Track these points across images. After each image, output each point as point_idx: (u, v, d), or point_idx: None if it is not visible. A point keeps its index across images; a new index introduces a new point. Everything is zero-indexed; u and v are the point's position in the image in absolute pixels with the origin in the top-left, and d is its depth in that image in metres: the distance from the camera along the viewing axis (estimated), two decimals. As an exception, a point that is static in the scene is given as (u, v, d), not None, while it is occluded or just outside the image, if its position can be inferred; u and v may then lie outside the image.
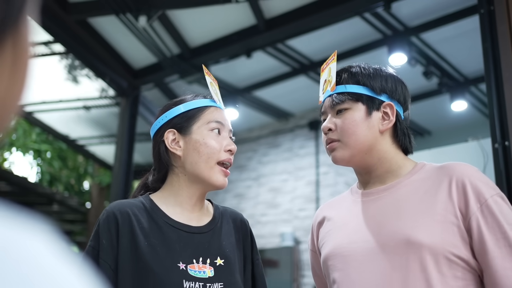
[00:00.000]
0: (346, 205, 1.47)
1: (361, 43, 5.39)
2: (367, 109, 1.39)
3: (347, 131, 1.37)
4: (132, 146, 5.42)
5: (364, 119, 1.38)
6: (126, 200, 1.40)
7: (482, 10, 3.08)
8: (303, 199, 7.06)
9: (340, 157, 1.39)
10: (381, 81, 1.43)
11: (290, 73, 6.13)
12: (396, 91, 1.44)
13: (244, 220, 1.51)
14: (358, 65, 1.48)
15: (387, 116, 1.40)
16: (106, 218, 1.30)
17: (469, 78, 6.15)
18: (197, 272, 1.29)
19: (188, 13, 4.87)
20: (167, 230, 1.32)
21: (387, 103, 1.40)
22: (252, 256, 1.47)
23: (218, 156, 1.37)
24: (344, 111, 1.40)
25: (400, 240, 1.25)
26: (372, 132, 1.39)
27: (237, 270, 1.38)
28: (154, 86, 6.01)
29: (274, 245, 6.91)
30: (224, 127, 1.43)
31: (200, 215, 1.42)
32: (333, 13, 4.50)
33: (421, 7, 4.85)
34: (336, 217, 1.46)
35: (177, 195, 1.40)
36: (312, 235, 1.56)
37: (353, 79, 1.42)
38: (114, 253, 1.26)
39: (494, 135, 2.89)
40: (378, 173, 1.41)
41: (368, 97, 1.40)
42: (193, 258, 1.31)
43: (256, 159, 7.75)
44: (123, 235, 1.28)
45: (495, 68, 2.94)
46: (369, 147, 1.38)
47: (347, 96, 1.40)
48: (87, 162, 10.87)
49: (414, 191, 1.32)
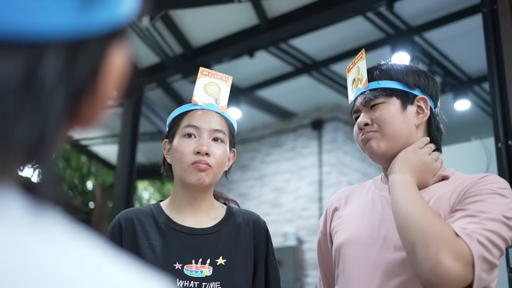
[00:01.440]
0: (367, 196, 1.45)
1: (364, 42, 5.39)
2: (402, 103, 1.37)
3: (384, 122, 1.35)
4: (135, 146, 5.43)
5: (400, 113, 1.36)
6: (135, 207, 1.49)
7: (485, 9, 3.08)
8: (306, 199, 7.06)
9: (376, 148, 1.36)
10: (414, 76, 1.42)
11: (293, 73, 6.13)
12: (428, 86, 1.44)
13: (259, 221, 1.51)
14: (387, 62, 1.47)
15: (421, 110, 1.39)
16: (112, 225, 1.41)
17: (472, 77, 6.14)
18: (194, 272, 1.33)
19: (191, 13, 4.88)
20: (169, 233, 1.38)
21: (421, 97, 1.40)
22: (266, 257, 1.47)
23: (187, 159, 1.39)
24: (378, 105, 1.38)
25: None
26: (408, 125, 1.36)
27: (242, 271, 1.38)
28: (157, 86, 6.02)
29: (277, 244, 6.91)
30: (199, 129, 1.42)
31: (206, 218, 1.44)
32: (336, 13, 4.50)
33: (424, 6, 4.84)
34: (355, 206, 1.44)
35: (177, 200, 1.45)
36: (325, 218, 1.54)
37: (385, 75, 1.41)
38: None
39: (497, 134, 2.89)
40: None
41: (402, 92, 1.39)
42: (192, 258, 1.35)
43: (259, 158, 7.75)
44: (125, 240, 1.38)
45: (498, 67, 2.94)
46: (405, 140, 1.35)
47: (381, 91, 1.39)
48: (90, 162, 10.88)
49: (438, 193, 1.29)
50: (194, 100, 1.46)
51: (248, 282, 1.40)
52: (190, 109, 1.46)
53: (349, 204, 1.47)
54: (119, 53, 0.46)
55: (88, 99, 0.41)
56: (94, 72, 0.42)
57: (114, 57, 0.45)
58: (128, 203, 5.17)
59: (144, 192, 13.02)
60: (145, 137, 6.92)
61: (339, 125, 7.13)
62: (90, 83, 0.41)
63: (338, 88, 6.55)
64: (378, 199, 1.40)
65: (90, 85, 0.41)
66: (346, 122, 7.24)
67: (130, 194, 5.24)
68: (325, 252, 1.55)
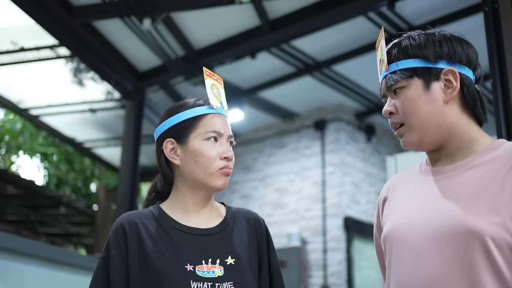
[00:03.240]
0: (412, 182, 1.36)
1: (366, 42, 5.39)
2: (424, 82, 1.27)
3: (408, 112, 1.27)
4: (138, 148, 5.44)
5: (422, 94, 1.27)
6: (136, 210, 1.46)
7: (487, 8, 3.07)
8: (309, 199, 7.06)
9: (409, 141, 1.29)
10: (435, 47, 1.30)
11: (295, 74, 6.14)
12: (455, 53, 1.30)
13: (259, 219, 1.51)
14: (407, 36, 1.37)
15: (450, 84, 1.27)
16: (115, 229, 1.38)
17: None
18: (206, 272, 1.32)
19: (192, 15, 4.89)
20: (174, 235, 1.37)
21: (447, 69, 1.27)
22: (268, 255, 1.47)
23: (215, 165, 1.40)
24: (400, 90, 1.30)
25: (459, 228, 1.15)
26: (436, 105, 1.26)
27: (250, 270, 1.38)
28: (159, 88, 6.03)
29: (281, 245, 6.91)
30: (222, 135, 1.43)
31: (209, 217, 1.44)
32: (337, 13, 4.50)
33: (425, 6, 4.85)
34: (400, 195, 1.36)
35: (183, 202, 1.44)
36: (378, 211, 1.46)
37: (404, 54, 1.31)
38: (124, 262, 1.33)
39: (499, 133, 2.88)
40: (448, 150, 1.29)
41: (423, 69, 1.28)
42: (202, 259, 1.34)
43: (262, 159, 7.75)
44: (131, 244, 1.35)
45: (500, 66, 2.93)
46: (437, 123, 1.26)
47: (400, 74, 1.29)
48: (94, 165, 10.91)
49: (483, 174, 1.20)
50: (211, 104, 1.45)
51: (256, 280, 1.40)
52: (207, 112, 1.44)
53: (396, 192, 1.39)
54: None
55: None
56: None
57: None
58: (131, 205, 5.18)
59: (148, 194, 13.01)
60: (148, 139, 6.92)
61: (341, 125, 7.13)
62: None
63: (340, 88, 6.55)
64: (420, 183, 1.32)
65: None
66: (348, 122, 7.24)
67: (133, 196, 5.25)
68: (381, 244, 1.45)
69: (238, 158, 7.67)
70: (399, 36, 1.39)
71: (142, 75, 5.71)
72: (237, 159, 7.79)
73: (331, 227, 6.76)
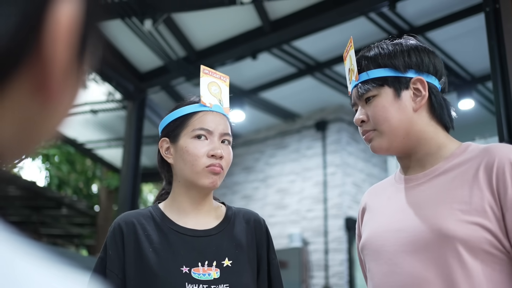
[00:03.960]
0: (387, 192, 1.41)
1: (367, 43, 5.33)
2: (395, 91, 1.30)
3: (379, 119, 1.30)
4: (139, 149, 5.44)
5: (393, 102, 1.30)
6: (134, 210, 1.46)
7: (488, 8, 3.07)
8: (311, 200, 7.06)
9: (378, 146, 1.32)
10: (403, 57, 1.33)
11: (296, 74, 6.13)
12: (423, 63, 1.33)
13: (259, 219, 1.50)
14: (376, 46, 1.39)
15: (419, 92, 1.31)
16: (112, 230, 1.38)
17: (476, 77, 6.13)
18: (201, 275, 1.31)
19: (193, 16, 4.89)
20: (172, 236, 1.36)
21: (416, 78, 1.31)
22: (268, 256, 1.46)
23: (201, 163, 1.37)
24: (371, 98, 1.32)
25: (433, 233, 1.18)
26: (406, 113, 1.30)
27: (248, 271, 1.37)
28: (160, 89, 6.04)
29: (282, 246, 6.91)
30: (212, 132, 1.41)
31: (207, 218, 1.43)
32: (338, 14, 4.50)
33: (426, 6, 4.84)
34: (377, 204, 1.41)
35: (179, 202, 1.43)
36: (358, 221, 1.51)
37: (374, 63, 1.34)
38: (121, 263, 1.33)
39: (501, 133, 2.88)
40: (418, 157, 1.33)
41: (393, 78, 1.31)
42: (198, 261, 1.33)
43: (263, 160, 7.75)
44: (128, 244, 1.35)
45: (501, 66, 2.93)
46: (406, 130, 1.30)
47: (371, 82, 1.32)
48: (95, 166, 10.92)
49: (452, 178, 1.24)
50: (203, 101, 1.43)
51: (254, 282, 1.39)
52: (198, 110, 1.43)
53: (374, 202, 1.43)
54: (67, 2, 0.37)
55: (31, 64, 0.35)
56: (33, 27, 0.34)
57: (60, 7, 0.36)
58: (133, 206, 5.18)
59: (149, 195, 13.04)
60: (149, 140, 6.93)
61: (343, 126, 7.13)
62: (30, 43, 0.34)
63: (341, 89, 6.55)
64: (395, 192, 1.36)
65: (30, 46, 0.34)
66: (350, 122, 7.23)
67: (135, 197, 5.25)
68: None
69: (239, 158, 7.67)
70: (368, 47, 1.41)
71: (143, 76, 5.71)
72: (238, 160, 7.81)
73: (332, 228, 6.75)
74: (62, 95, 0.38)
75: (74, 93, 0.40)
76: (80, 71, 0.40)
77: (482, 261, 1.14)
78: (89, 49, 0.40)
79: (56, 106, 0.38)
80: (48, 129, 0.39)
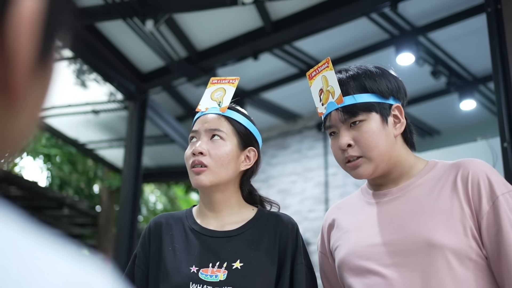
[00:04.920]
0: (358, 207, 1.42)
1: (368, 43, 5.38)
2: (382, 117, 1.31)
3: (369, 145, 1.29)
4: (140, 149, 5.44)
5: (381, 128, 1.31)
6: (171, 212, 1.56)
7: (489, 8, 3.07)
8: (312, 201, 7.06)
9: (365, 172, 1.32)
10: (386, 82, 1.34)
11: (297, 75, 6.13)
12: (399, 89, 1.37)
13: (288, 223, 1.45)
14: (359, 68, 1.38)
15: (397, 119, 1.34)
16: (145, 229, 1.50)
17: (477, 77, 6.12)
18: (209, 276, 1.32)
19: (195, 17, 4.89)
20: (191, 236, 1.41)
21: (395, 105, 1.34)
22: (293, 261, 1.40)
23: (189, 164, 1.43)
24: (359, 123, 1.31)
25: (421, 242, 1.21)
26: (390, 139, 1.32)
27: (259, 275, 1.34)
28: (162, 90, 6.04)
29: (283, 246, 6.90)
30: (197, 131, 1.45)
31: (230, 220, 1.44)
32: (340, 14, 4.50)
33: (428, 7, 4.84)
34: (349, 220, 1.41)
35: (201, 205, 1.49)
36: (322, 237, 1.51)
37: (360, 88, 1.32)
38: (146, 258, 1.43)
39: (503, 134, 2.88)
40: (393, 177, 1.35)
41: (380, 104, 1.31)
42: (210, 262, 1.34)
43: (264, 160, 7.75)
44: (153, 243, 1.45)
45: (503, 66, 2.93)
46: (390, 155, 1.32)
47: (359, 107, 1.30)
48: (97, 166, 10.92)
49: (429, 191, 1.28)
50: (198, 109, 1.50)
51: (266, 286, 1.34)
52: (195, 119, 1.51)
53: (343, 219, 1.43)
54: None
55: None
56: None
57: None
58: (134, 206, 5.18)
59: (151, 195, 13.04)
60: (150, 141, 6.93)
61: (344, 127, 7.12)
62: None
63: (343, 90, 6.54)
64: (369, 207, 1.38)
65: None
66: (351, 123, 7.23)
67: (136, 198, 5.25)
68: (328, 271, 1.51)
69: (240, 159, 7.67)
70: (345, 69, 1.40)
71: (145, 76, 5.71)
72: (239, 160, 7.80)
73: (334, 228, 6.75)
74: (27, 95, 0.35)
75: (42, 93, 0.37)
76: (47, 69, 0.37)
77: (468, 268, 1.18)
78: (56, 45, 0.37)
79: (21, 108, 0.35)
80: (13, 134, 0.36)
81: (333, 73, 1.37)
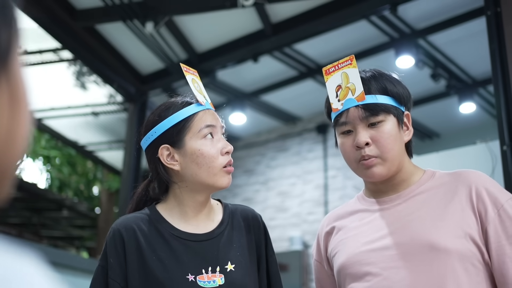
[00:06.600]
0: (357, 214, 1.42)
1: (368, 46, 5.39)
2: (398, 121, 1.34)
3: (387, 146, 1.30)
4: (140, 151, 5.44)
5: (397, 132, 1.33)
6: (131, 214, 1.39)
7: (489, 12, 3.07)
8: (311, 203, 7.05)
9: (380, 173, 1.32)
10: (402, 89, 1.37)
11: (297, 77, 6.13)
12: (409, 98, 1.40)
13: (256, 216, 1.46)
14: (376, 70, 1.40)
15: (406, 126, 1.38)
16: (112, 236, 1.32)
17: (477, 80, 6.13)
18: (207, 282, 1.29)
19: (195, 19, 4.90)
20: (174, 242, 1.32)
21: (406, 113, 1.38)
22: (266, 253, 1.43)
23: (218, 163, 1.34)
24: (378, 123, 1.31)
25: (424, 245, 1.23)
26: (402, 144, 1.35)
27: (250, 273, 1.36)
28: (161, 92, 6.04)
29: (283, 249, 6.90)
30: (216, 127, 1.38)
31: (207, 220, 1.40)
32: (340, 17, 4.50)
33: (427, 10, 4.84)
34: (348, 226, 1.41)
35: (182, 205, 1.38)
36: (318, 246, 1.51)
37: (381, 89, 1.34)
38: (122, 271, 1.28)
39: (502, 137, 2.88)
40: (394, 182, 1.37)
41: (397, 109, 1.34)
42: (202, 268, 1.30)
43: (264, 163, 7.75)
44: (130, 252, 1.30)
45: (503, 69, 2.93)
46: (400, 160, 1.34)
47: (381, 107, 1.32)
48: (96, 168, 10.92)
49: (429, 198, 1.30)
50: (200, 101, 1.40)
51: (256, 282, 1.37)
52: (197, 110, 1.38)
53: (343, 226, 1.43)
54: None
55: None
56: None
57: None
58: (133, 208, 5.18)
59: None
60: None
61: (344, 129, 7.12)
62: None
63: (342, 92, 6.54)
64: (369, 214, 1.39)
65: None
66: (351, 126, 7.23)
67: (135, 200, 5.25)
68: (323, 280, 1.51)
69: (240, 161, 7.67)
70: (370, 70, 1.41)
71: (145, 78, 5.72)
72: (239, 163, 7.80)
73: (333, 231, 6.74)
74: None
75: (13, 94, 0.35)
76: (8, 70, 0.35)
77: (469, 273, 1.21)
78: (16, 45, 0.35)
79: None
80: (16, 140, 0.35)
81: (356, 70, 1.35)
